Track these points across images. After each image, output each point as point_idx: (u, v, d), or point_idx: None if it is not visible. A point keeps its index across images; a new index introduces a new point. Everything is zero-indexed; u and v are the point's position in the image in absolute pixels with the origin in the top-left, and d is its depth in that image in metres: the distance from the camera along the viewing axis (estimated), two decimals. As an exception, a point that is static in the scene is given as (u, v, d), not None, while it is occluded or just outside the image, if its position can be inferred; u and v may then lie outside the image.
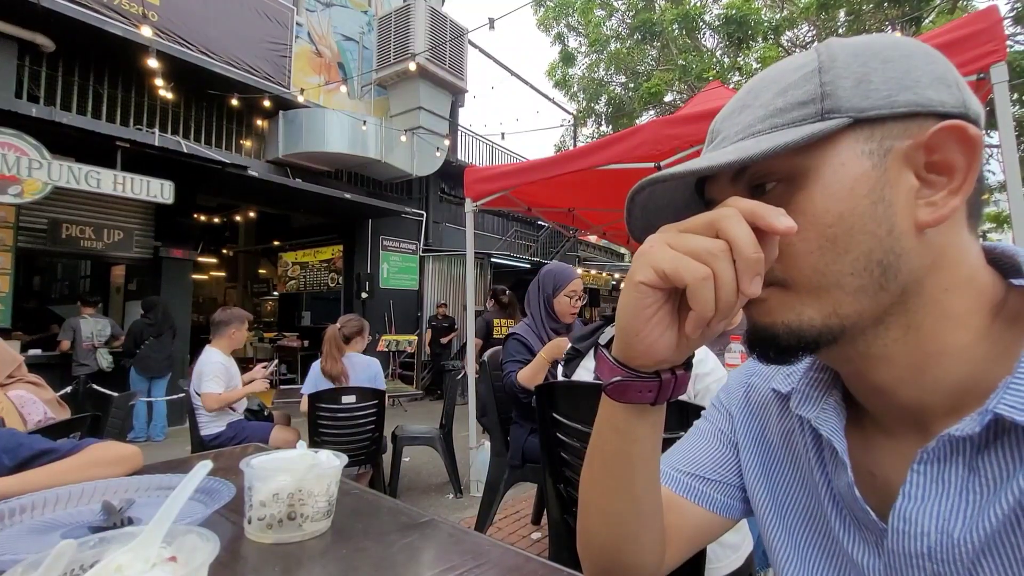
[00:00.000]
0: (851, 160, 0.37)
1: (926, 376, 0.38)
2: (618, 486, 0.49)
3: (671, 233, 0.37)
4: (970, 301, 0.38)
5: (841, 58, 0.38)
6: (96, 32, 5.11)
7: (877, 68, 0.37)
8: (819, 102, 0.37)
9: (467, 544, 0.73)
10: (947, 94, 0.37)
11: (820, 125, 0.36)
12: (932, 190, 0.37)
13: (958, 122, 0.36)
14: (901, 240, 0.36)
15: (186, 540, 0.50)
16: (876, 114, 0.36)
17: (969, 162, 0.36)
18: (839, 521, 0.45)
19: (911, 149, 0.36)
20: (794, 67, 0.40)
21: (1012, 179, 1.94)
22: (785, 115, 0.38)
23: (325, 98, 7.28)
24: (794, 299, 0.38)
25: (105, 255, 5.77)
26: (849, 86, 0.37)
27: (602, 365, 0.43)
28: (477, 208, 3.73)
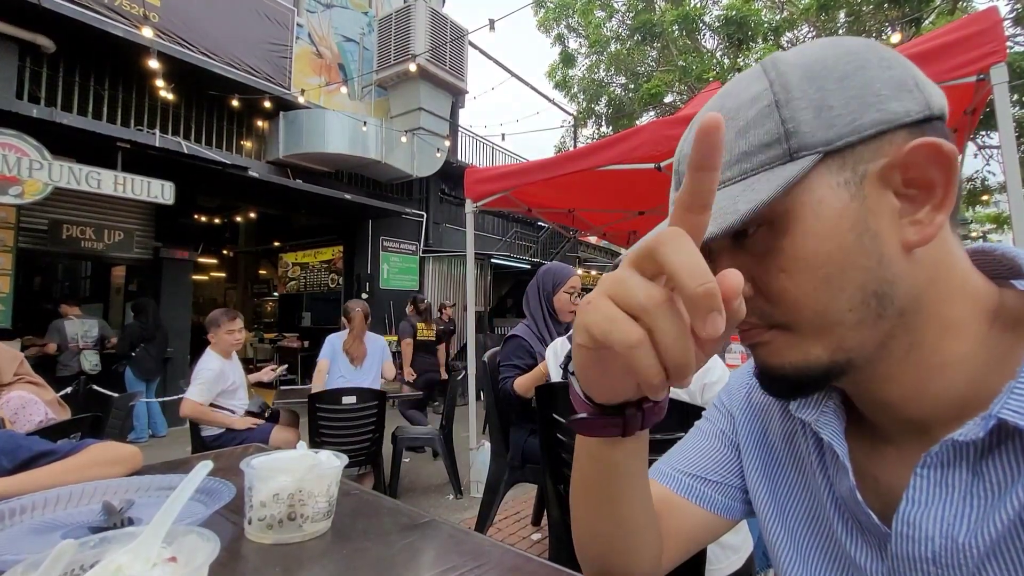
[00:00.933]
0: (828, 195, 0.36)
1: (930, 389, 0.38)
2: (602, 508, 0.49)
3: (615, 278, 0.31)
4: (966, 308, 0.38)
5: (795, 86, 0.37)
6: (97, 33, 5.11)
7: (834, 90, 0.36)
8: (784, 142, 0.36)
9: (468, 545, 0.73)
10: (910, 100, 0.36)
11: (791, 168, 0.35)
12: (914, 206, 0.36)
13: (931, 139, 0.35)
14: (892, 266, 0.36)
15: (186, 540, 0.50)
16: (844, 143, 0.35)
17: (947, 177, 0.35)
18: (842, 524, 0.44)
19: (886, 170, 0.36)
20: (749, 98, 0.38)
21: (1012, 180, 1.94)
22: (752, 159, 0.37)
23: (325, 99, 7.28)
24: (799, 340, 0.38)
25: (105, 256, 5.77)
26: (810, 118, 0.36)
27: (571, 394, 0.41)
28: (477, 209, 3.73)
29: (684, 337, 0.29)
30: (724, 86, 0.43)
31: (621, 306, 0.30)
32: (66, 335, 4.94)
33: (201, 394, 2.82)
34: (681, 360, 0.29)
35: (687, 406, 1.15)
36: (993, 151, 8.87)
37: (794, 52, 0.39)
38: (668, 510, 0.56)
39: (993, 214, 13.47)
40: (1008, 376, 0.35)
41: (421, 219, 8.85)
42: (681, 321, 0.29)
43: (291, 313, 9.89)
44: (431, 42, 7.44)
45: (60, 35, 5.07)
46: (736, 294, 0.29)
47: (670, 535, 0.55)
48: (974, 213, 14.14)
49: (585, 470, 0.48)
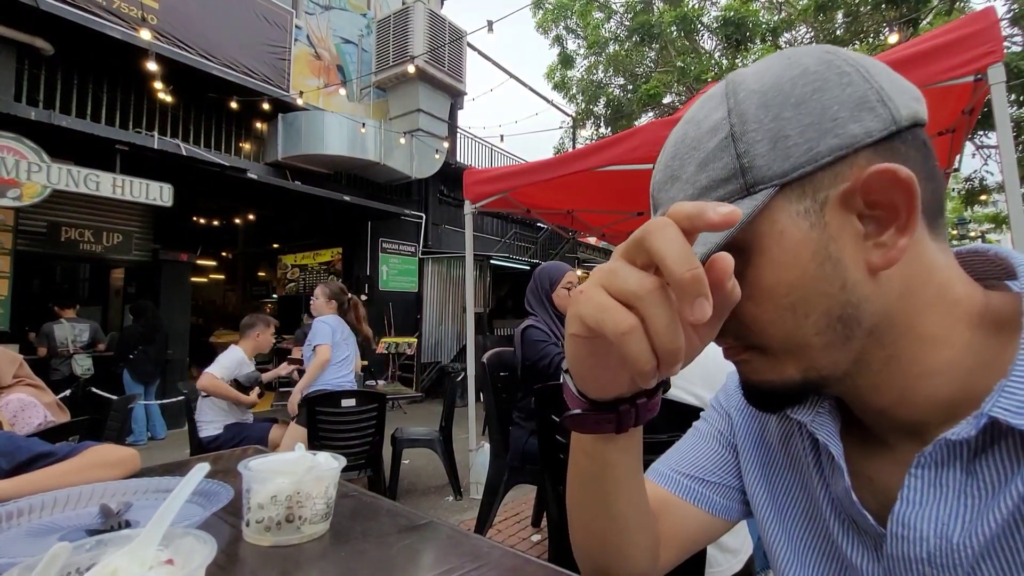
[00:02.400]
0: (788, 226, 0.36)
1: (917, 396, 0.39)
2: (596, 507, 0.49)
3: (607, 268, 0.32)
4: (945, 317, 0.38)
5: (751, 116, 0.36)
6: (95, 35, 5.11)
7: (791, 118, 0.36)
8: (740, 177, 0.36)
9: (466, 546, 0.73)
10: (871, 119, 0.35)
11: (748, 204, 0.36)
12: (879, 227, 0.36)
13: (886, 167, 0.34)
14: (856, 290, 0.36)
15: (183, 543, 0.50)
16: (800, 173, 0.35)
17: (908, 200, 0.35)
18: (838, 525, 0.44)
19: (847, 194, 0.36)
20: (709, 128, 0.39)
21: (1010, 180, 1.94)
22: (712, 193, 0.38)
23: (324, 101, 7.28)
24: (773, 360, 0.40)
25: (104, 258, 5.77)
26: (766, 151, 0.36)
27: (565, 391, 0.42)
28: (476, 210, 3.73)
29: (674, 323, 0.29)
30: (691, 107, 0.43)
31: (613, 294, 0.30)
32: (55, 339, 4.86)
33: (221, 371, 3.05)
34: (672, 346, 0.30)
35: (685, 407, 1.15)
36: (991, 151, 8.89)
37: (754, 73, 0.39)
38: (666, 511, 0.56)
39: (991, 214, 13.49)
40: (999, 375, 0.35)
41: (420, 220, 8.84)
42: (672, 308, 0.29)
43: (290, 315, 9.87)
44: (430, 44, 7.45)
45: (58, 37, 5.07)
46: (727, 276, 0.30)
47: (668, 536, 0.54)
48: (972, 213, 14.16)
49: (580, 468, 0.48)
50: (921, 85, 1.96)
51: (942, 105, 2.62)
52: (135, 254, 5.90)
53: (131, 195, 4.79)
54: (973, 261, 0.44)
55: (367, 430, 3.01)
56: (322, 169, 7.33)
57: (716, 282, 0.30)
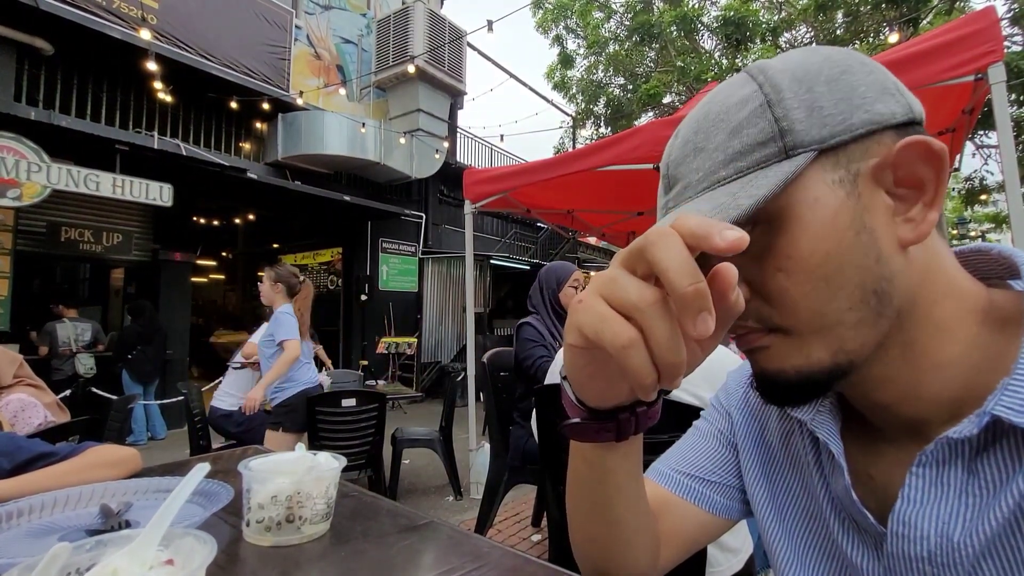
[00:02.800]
0: (825, 194, 0.36)
1: (924, 391, 0.38)
2: (596, 511, 0.49)
3: (607, 277, 0.31)
4: (955, 309, 0.38)
5: (786, 87, 0.36)
6: (95, 35, 5.11)
7: (824, 92, 0.36)
8: (779, 140, 0.36)
9: (467, 546, 0.72)
10: (894, 103, 0.36)
11: (787, 165, 0.35)
12: (906, 205, 0.36)
13: (921, 138, 0.35)
14: (890, 263, 0.36)
15: (183, 543, 0.50)
16: (837, 141, 0.35)
17: (938, 175, 0.35)
18: (838, 524, 0.44)
19: (878, 169, 0.36)
20: (737, 102, 0.38)
21: (1011, 179, 1.94)
22: (747, 157, 0.37)
23: (324, 100, 7.28)
24: (799, 343, 0.37)
25: (104, 258, 5.76)
26: (803, 117, 0.36)
27: (563, 398, 0.40)
28: (476, 210, 3.73)
29: (676, 337, 0.28)
30: (709, 92, 0.43)
31: (613, 305, 0.29)
32: (57, 338, 4.88)
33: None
34: (673, 360, 0.29)
35: (686, 406, 1.15)
36: (991, 150, 8.88)
37: (778, 59, 0.39)
38: (666, 511, 0.56)
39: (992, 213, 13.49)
40: (1002, 373, 0.35)
41: (420, 220, 8.84)
42: (673, 321, 0.28)
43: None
44: (429, 43, 7.44)
45: (58, 37, 5.06)
46: (731, 287, 0.29)
47: (668, 536, 0.54)
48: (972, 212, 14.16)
49: (579, 474, 0.48)
50: (921, 84, 1.97)
51: (942, 104, 2.62)
52: (135, 254, 5.90)
53: (131, 195, 4.79)
54: (976, 260, 0.44)
55: (367, 430, 3.01)
56: (322, 169, 7.33)
57: (719, 293, 0.28)
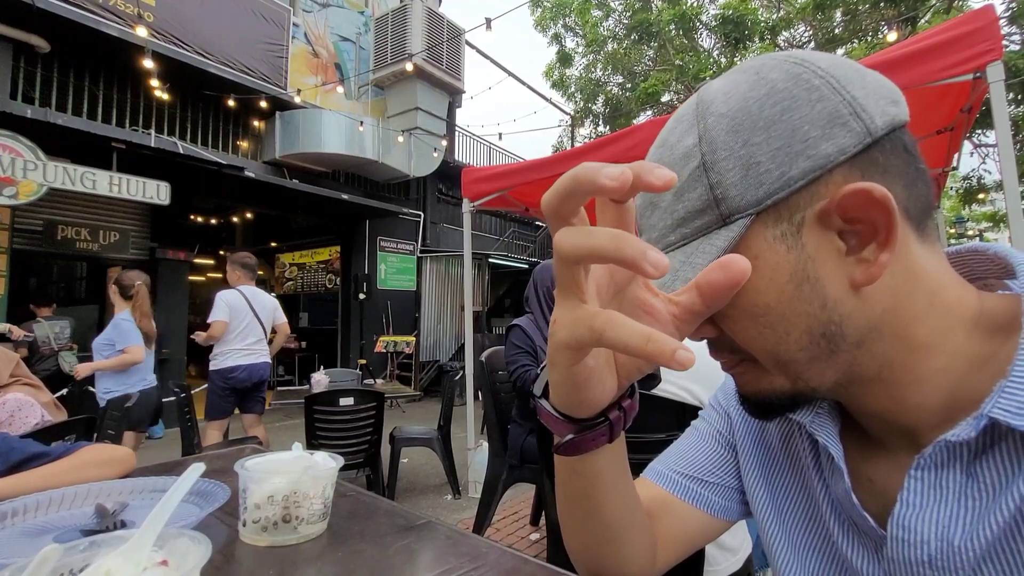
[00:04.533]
0: (764, 251, 0.36)
1: (909, 402, 0.38)
2: (588, 516, 0.49)
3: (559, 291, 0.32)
4: (937, 324, 0.37)
5: (720, 143, 0.36)
6: (91, 33, 5.09)
7: (760, 143, 0.35)
8: (715, 208, 0.36)
9: (465, 546, 0.72)
10: (844, 135, 0.34)
11: (725, 234, 0.36)
12: (860, 242, 0.35)
13: (861, 186, 0.33)
14: (838, 307, 0.36)
15: (178, 543, 0.49)
16: (775, 200, 0.35)
17: (886, 218, 0.34)
18: (838, 527, 0.44)
19: (823, 213, 0.35)
20: (681, 155, 0.38)
21: (1009, 178, 1.94)
22: (690, 224, 0.38)
23: (322, 99, 7.26)
24: (763, 371, 0.40)
25: (101, 256, 5.75)
26: (738, 180, 0.35)
27: (544, 417, 0.39)
28: (475, 208, 3.72)
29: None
30: (663, 130, 0.43)
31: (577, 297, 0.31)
32: (36, 337, 4.77)
33: None
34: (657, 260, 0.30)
35: (684, 405, 1.15)
36: (989, 149, 8.90)
37: (723, 92, 0.38)
38: (664, 511, 0.55)
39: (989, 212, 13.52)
40: (997, 376, 0.34)
41: (418, 219, 8.83)
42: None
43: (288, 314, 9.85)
44: (427, 41, 7.43)
45: (54, 35, 5.04)
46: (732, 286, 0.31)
47: (666, 537, 0.54)
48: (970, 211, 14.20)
49: (569, 485, 0.48)
50: (920, 83, 1.97)
51: (941, 103, 2.62)
52: (132, 252, 5.88)
53: (128, 193, 4.77)
54: (972, 260, 0.44)
55: (365, 429, 3.01)
56: (320, 167, 7.31)
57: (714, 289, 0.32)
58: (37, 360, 4.79)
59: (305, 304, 9.20)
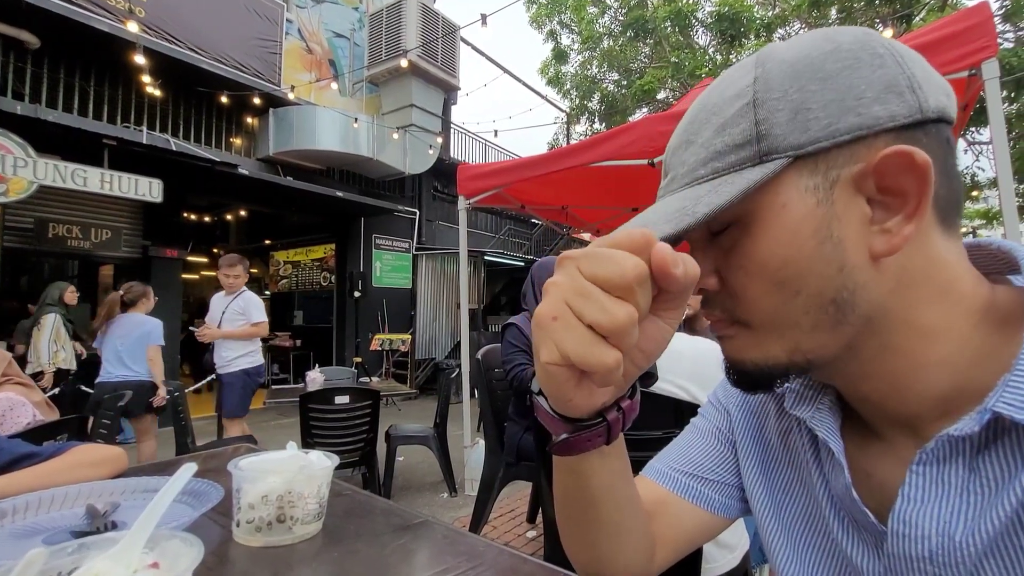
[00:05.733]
0: (793, 200, 0.35)
1: (910, 388, 0.38)
2: (585, 516, 0.48)
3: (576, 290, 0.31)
4: (946, 313, 0.37)
5: (776, 84, 0.36)
6: (82, 28, 5.03)
7: (815, 91, 0.35)
8: (755, 143, 0.36)
9: (462, 545, 0.71)
10: (897, 104, 0.34)
11: (757, 172, 0.35)
12: (887, 213, 0.35)
13: (902, 148, 0.33)
14: (854, 274, 0.35)
15: (169, 545, 0.48)
16: (816, 148, 0.34)
17: (920, 188, 0.34)
18: (838, 523, 0.44)
19: (859, 176, 0.35)
20: (733, 95, 0.38)
21: (1003, 175, 1.95)
22: (724, 158, 0.37)
23: (316, 95, 7.21)
24: (758, 338, 0.39)
25: (93, 255, 5.69)
26: (785, 120, 0.35)
27: (541, 415, 0.39)
28: (470, 206, 3.71)
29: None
30: (720, 75, 0.42)
31: (594, 327, 0.30)
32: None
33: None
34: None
35: (682, 403, 1.14)
36: (983, 147, 8.95)
37: (788, 45, 0.38)
38: (664, 510, 0.55)
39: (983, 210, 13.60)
40: (1001, 370, 0.34)
41: (414, 216, 8.80)
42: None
43: (283, 312, 9.82)
44: (422, 38, 7.39)
45: (44, 30, 4.98)
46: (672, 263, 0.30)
47: (665, 535, 0.54)
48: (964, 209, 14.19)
49: (567, 485, 0.47)
50: (916, 80, 1.97)
51: (935, 101, 2.61)
52: (124, 250, 5.82)
53: (120, 191, 4.73)
54: (976, 255, 0.43)
55: (361, 427, 3.00)
56: (314, 165, 7.27)
57: (661, 272, 0.30)
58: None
59: (300, 302, 9.15)
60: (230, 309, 3.60)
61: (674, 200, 0.38)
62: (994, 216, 12.53)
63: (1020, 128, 7.97)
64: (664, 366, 1.17)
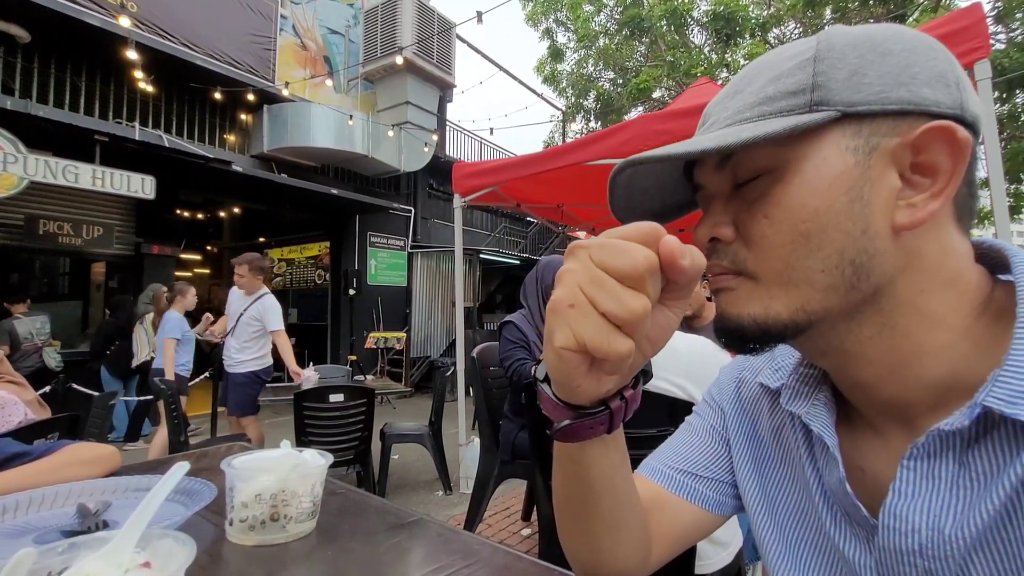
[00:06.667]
0: (834, 155, 0.36)
1: (906, 374, 0.38)
2: (585, 508, 0.48)
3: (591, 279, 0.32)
4: (951, 302, 0.37)
5: (838, 47, 0.37)
6: (73, 23, 4.97)
7: (874, 61, 0.36)
8: (808, 92, 0.36)
9: (456, 543, 0.71)
10: (944, 93, 0.35)
11: (805, 117, 0.35)
12: (914, 191, 0.36)
13: (947, 123, 0.34)
14: (875, 240, 0.36)
15: (161, 545, 0.48)
16: (866, 109, 0.35)
17: (954, 165, 0.35)
18: (830, 517, 0.44)
19: (898, 148, 0.36)
20: (792, 53, 0.39)
21: (995, 175, 1.96)
22: (774, 103, 0.37)
23: (311, 92, 7.17)
24: (763, 291, 0.38)
25: (85, 252, 5.64)
26: (842, 78, 0.36)
27: (544, 403, 0.39)
28: (465, 204, 3.70)
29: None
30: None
31: (609, 316, 0.31)
32: (18, 335, 4.72)
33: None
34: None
35: (677, 401, 1.15)
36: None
37: (855, 28, 0.39)
38: (659, 507, 0.55)
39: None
40: (993, 365, 0.35)
41: (409, 214, 8.78)
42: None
43: (277, 310, 9.77)
44: (418, 35, 7.36)
45: (35, 25, 4.92)
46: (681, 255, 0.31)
47: (660, 533, 0.54)
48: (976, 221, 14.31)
49: (568, 474, 0.47)
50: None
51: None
52: (116, 247, 5.77)
53: (112, 187, 4.68)
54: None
55: (356, 426, 2.99)
56: (309, 162, 7.23)
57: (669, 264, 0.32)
58: (19, 357, 4.72)
59: (294, 300, 9.11)
60: (247, 314, 3.56)
61: (715, 133, 0.39)
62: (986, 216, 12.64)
63: (1011, 129, 8.04)
64: (659, 363, 1.17)
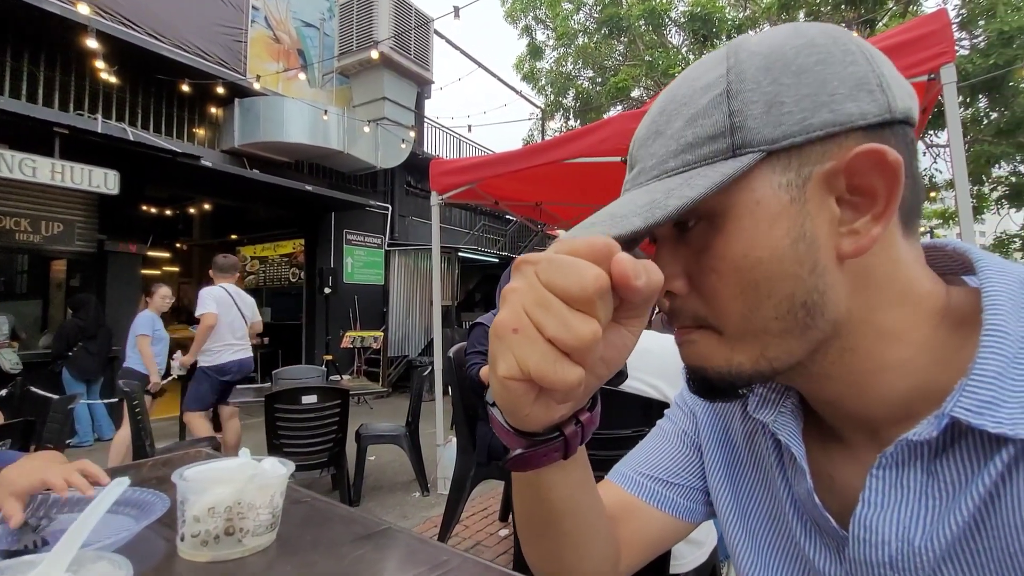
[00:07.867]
0: (768, 196, 0.34)
1: (870, 391, 0.38)
2: (547, 529, 0.46)
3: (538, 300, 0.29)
4: (906, 315, 0.37)
5: (750, 76, 0.35)
6: (28, 9, 4.75)
7: (789, 85, 0.34)
8: (728, 136, 0.34)
9: (424, 554, 0.69)
10: (868, 101, 0.34)
11: (731, 165, 0.34)
12: (855, 214, 0.35)
13: (875, 147, 0.33)
14: (825, 276, 0.35)
15: (95, 568, 0.44)
16: (790, 143, 0.34)
17: (890, 188, 0.33)
18: (801, 527, 0.43)
19: (831, 174, 0.34)
20: (704, 86, 0.37)
21: (959, 177, 2.02)
22: (696, 151, 0.35)
23: (284, 86, 7.00)
24: (723, 345, 0.37)
25: (44, 249, 5.41)
26: (759, 113, 0.34)
27: (496, 427, 0.36)
28: (443, 201, 3.66)
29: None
30: (690, 67, 0.41)
31: (557, 343, 0.28)
32: None
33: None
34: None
35: (651, 402, 1.14)
36: (940, 149, 9.34)
37: (758, 38, 0.37)
38: (628, 515, 0.54)
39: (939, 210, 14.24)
40: (958, 374, 0.34)
41: (386, 212, 8.66)
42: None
43: (251, 308, 9.55)
44: (395, 28, 7.25)
45: (-12, 10, 4.68)
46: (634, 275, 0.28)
47: (630, 540, 0.53)
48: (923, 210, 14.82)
49: (526, 498, 0.45)
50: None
51: (896, 103, 2.69)
52: (78, 244, 5.55)
53: (72, 182, 4.50)
54: (932, 256, 0.43)
55: (330, 427, 2.93)
56: (282, 157, 7.06)
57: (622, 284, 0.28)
58: None
59: (268, 299, 8.90)
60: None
61: (643, 193, 0.37)
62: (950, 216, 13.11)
63: (975, 132, 8.34)
64: (633, 364, 1.16)
